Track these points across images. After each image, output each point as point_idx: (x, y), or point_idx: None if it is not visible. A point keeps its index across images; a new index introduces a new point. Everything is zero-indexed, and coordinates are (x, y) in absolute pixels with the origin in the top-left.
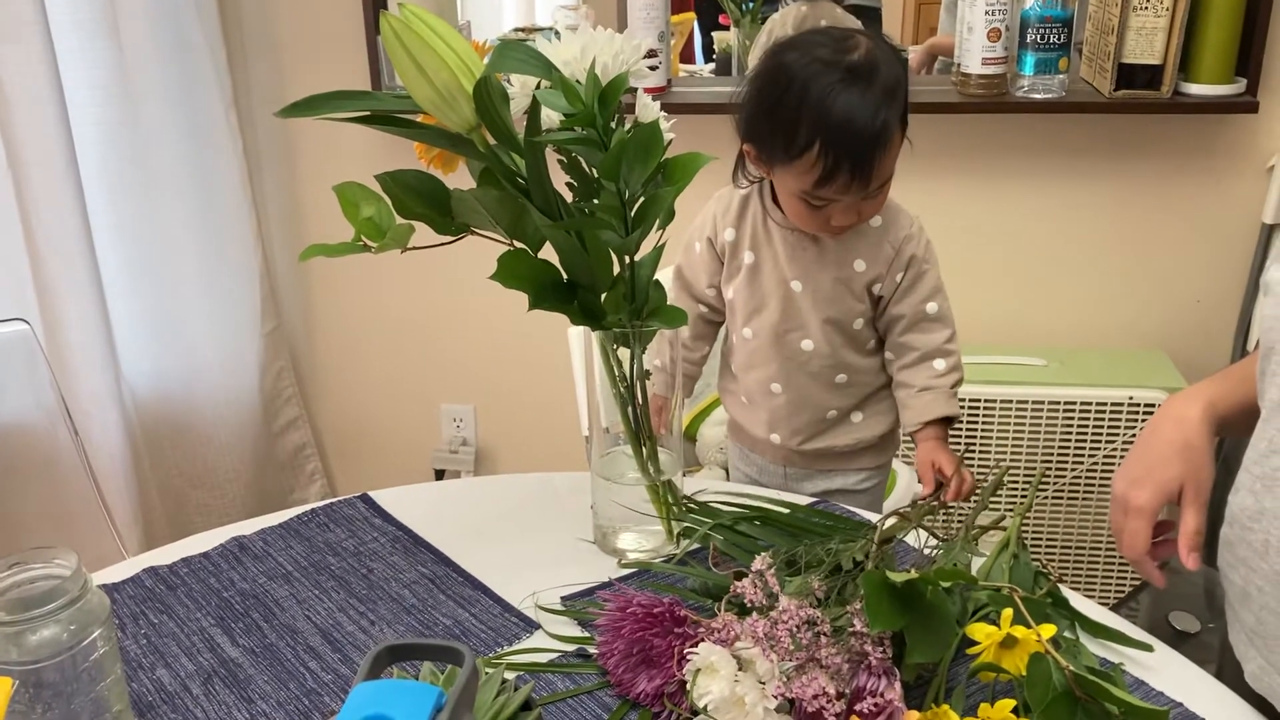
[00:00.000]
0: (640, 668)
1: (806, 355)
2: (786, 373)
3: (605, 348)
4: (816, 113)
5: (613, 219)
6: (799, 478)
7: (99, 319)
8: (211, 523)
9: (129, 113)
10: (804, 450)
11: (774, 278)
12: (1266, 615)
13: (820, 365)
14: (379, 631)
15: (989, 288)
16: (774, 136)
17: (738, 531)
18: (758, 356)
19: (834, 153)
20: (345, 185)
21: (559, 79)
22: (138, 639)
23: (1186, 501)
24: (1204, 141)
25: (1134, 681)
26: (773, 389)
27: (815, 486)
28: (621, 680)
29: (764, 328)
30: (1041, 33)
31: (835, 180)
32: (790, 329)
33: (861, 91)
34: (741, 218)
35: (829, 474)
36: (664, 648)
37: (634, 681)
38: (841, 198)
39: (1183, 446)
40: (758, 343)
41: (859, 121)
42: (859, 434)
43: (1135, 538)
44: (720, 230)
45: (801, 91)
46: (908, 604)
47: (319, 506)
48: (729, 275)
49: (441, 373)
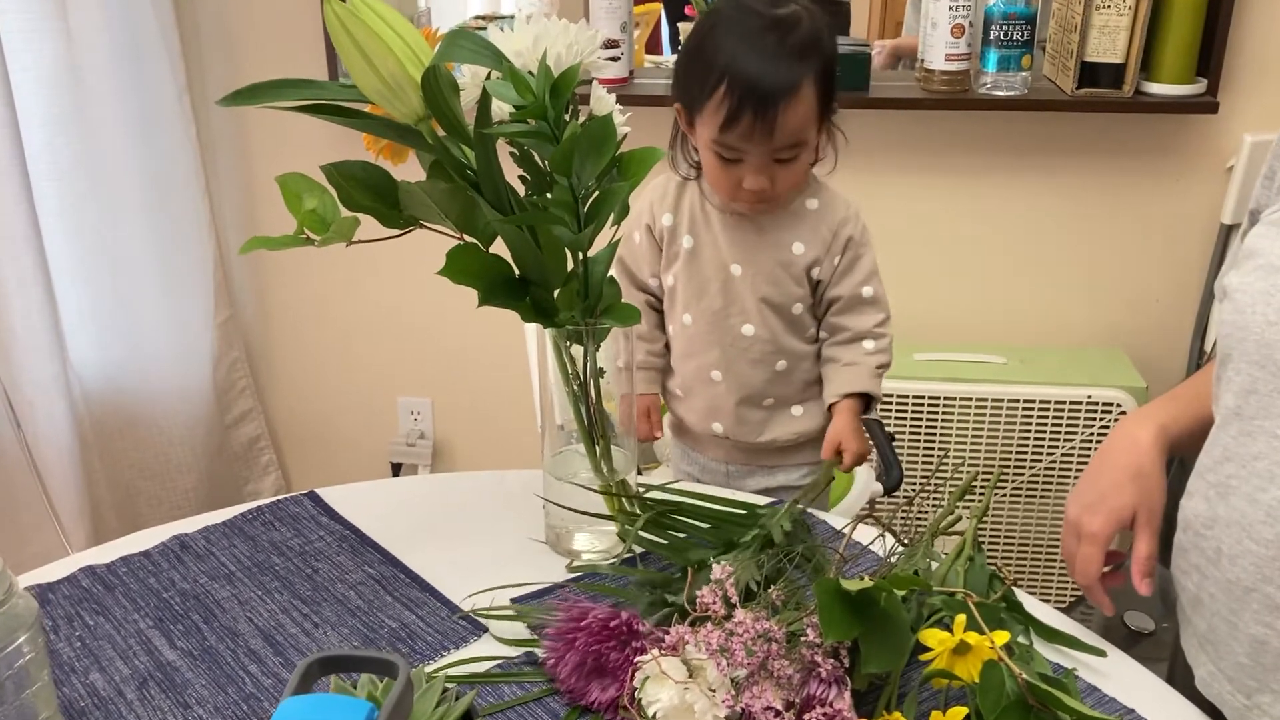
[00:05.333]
0: (593, 677)
1: (747, 340)
2: (727, 359)
3: (558, 345)
4: (729, 53)
5: (565, 214)
6: (741, 475)
7: (45, 307)
8: (162, 516)
9: (77, 97)
10: (746, 445)
11: (714, 262)
12: (1217, 622)
13: (761, 351)
14: (322, 634)
15: (949, 284)
16: (691, 80)
17: (676, 520)
18: (697, 343)
19: (738, 93)
20: (288, 176)
21: (509, 70)
22: (71, 641)
23: (1139, 526)
24: (1164, 141)
25: (1086, 687)
26: (713, 376)
27: (758, 484)
28: (574, 689)
29: (704, 313)
30: (1005, 29)
31: (739, 123)
32: (730, 313)
33: (778, 40)
34: (679, 203)
35: (771, 470)
36: (619, 660)
37: (586, 690)
38: (747, 148)
39: (1135, 473)
40: (697, 329)
41: (767, 65)
42: (798, 427)
43: (1087, 564)
44: (658, 216)
45: (722, 35)
46: (861, 612)
47: (265, 504)
48: (668, 261)
49: (399, 365)
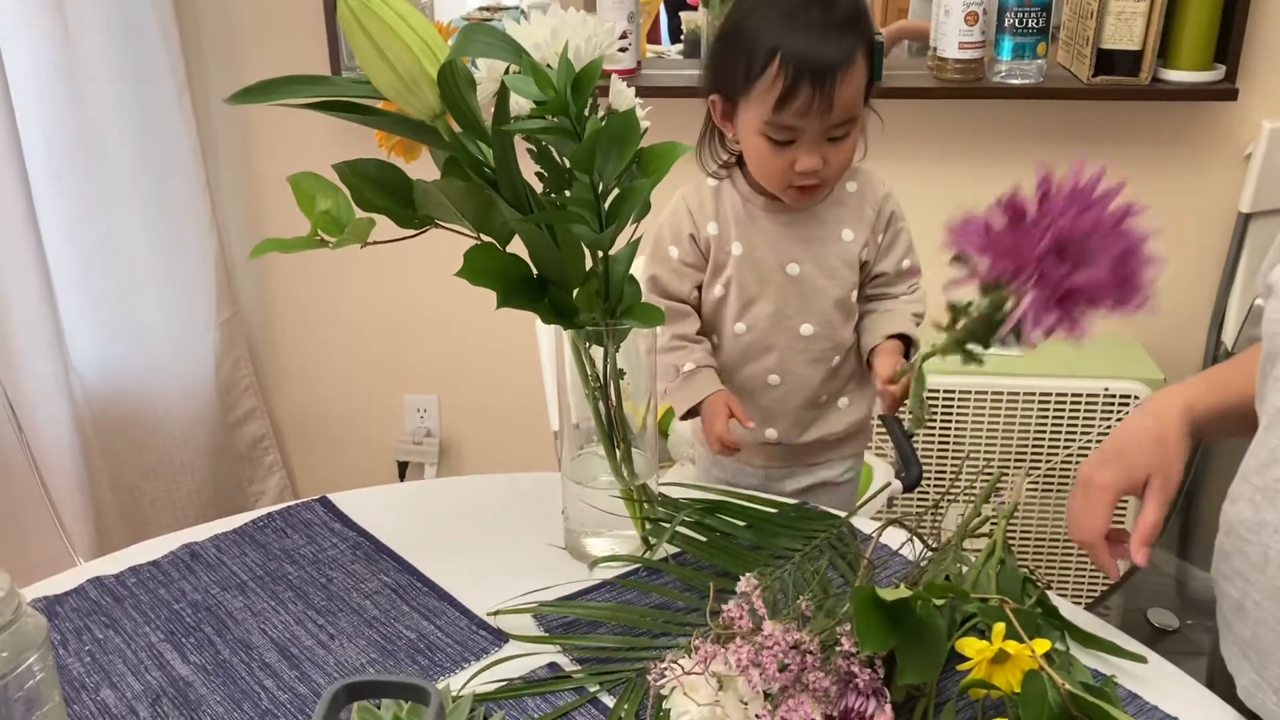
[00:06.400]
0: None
1: (805, 340)
2: (784, 362)
3: (577, 347)
4: (778, 27)
5: (586, 212)
6: (779, 477)
7: (45, 306)
8: (166, 517)
9: (75, 95)
10: (793, 447)
11: (769, 264)
12: (1262, 630)
13: (820, 349)
14: (339, 646)
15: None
16: (736, 64)
17: (707, 527)
18: (753, 350)
19: (794, 65)
20: (300, 176)
21: (529, 64)
22: (81, 656)
23: (1151, 492)
24: (1182, 129)
25: (1126, 694)
26: (770, 380)
27: (797, 483)
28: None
29: (759, 318)
30: (1020, 17)
31: (796, 98)
32: (788, 314)
33: (823, 13)
34: (719, 209)
35: (811, 468)
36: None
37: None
38: (803, 125)
39: (1157, 438)
40: (753, 335)
41: (820, 38)
42: (847, 419)
43: (1091, 515)
44: (701, 226)
45: (761, 16)
46: (897, 621)
47: (275, 511)
48: (714, 272)
49: (405, 361)
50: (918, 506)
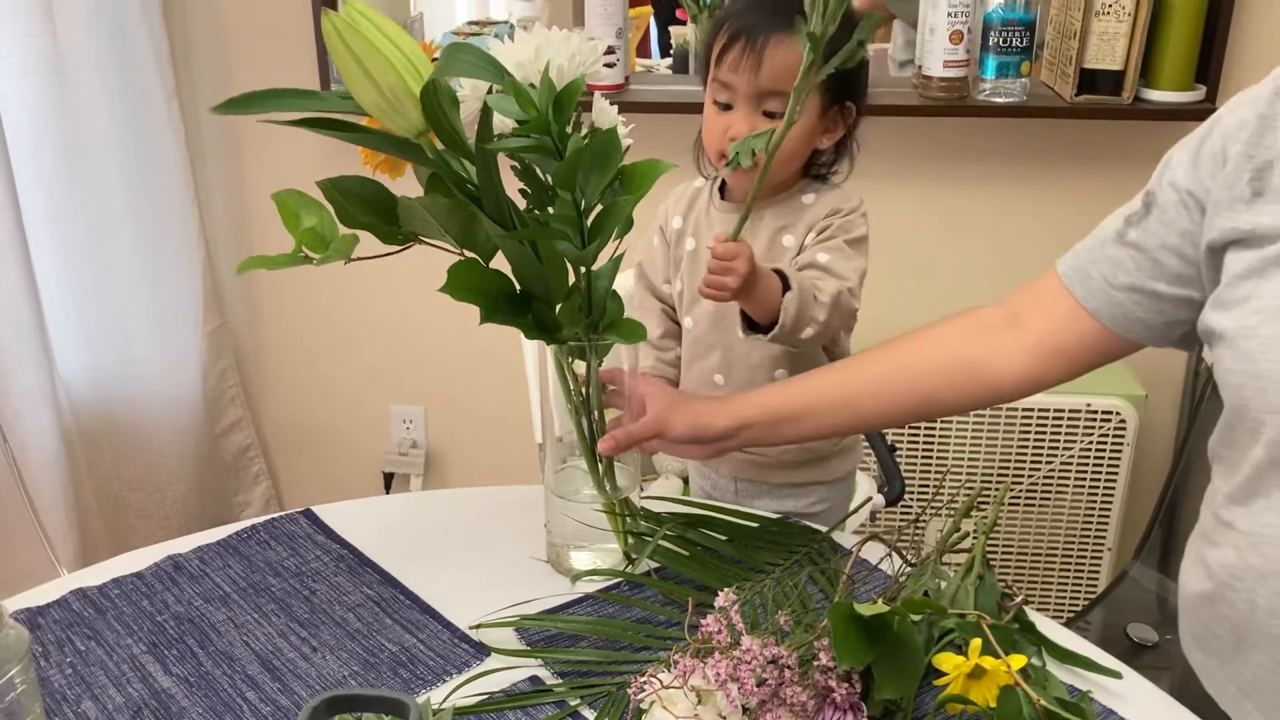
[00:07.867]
0: None
1: (746, 343)
2: (727, 363)
3: (560, 361)
4: (737, 4)
5: (568, 229)
6: (749, 493)
7: (31, 315)
8: (151, 527)
9: (63, 103)
10: (753, 458)
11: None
12: (1263, 673)
13: (760, 355)
14: (321, 659)
15: (947, 292)
16: (709, 44)
17: (689, 542)
18: (699, 347)
19: (732, 22)
20: (285, 193)
21: (511, 84)
22: (62, 668)
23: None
24: (1163, 148)
25: (1102, 710)
26: (715, 380)
27: (765, 507)
28: None
29: (703, 316)
30: (1004, 36)
31: (730, 52)
32: (727, 315)
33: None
34: (690, 206)
35: (778, 492)
36: None
37: None
38: (734, 81)
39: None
40: (699, 331)
41: (769, 7)
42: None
43: None
44: (670, 219)
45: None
46: (875, 636)
47: (259, 523)
48: (674, 265)
49: (392, 372)
50: (900, 521)
